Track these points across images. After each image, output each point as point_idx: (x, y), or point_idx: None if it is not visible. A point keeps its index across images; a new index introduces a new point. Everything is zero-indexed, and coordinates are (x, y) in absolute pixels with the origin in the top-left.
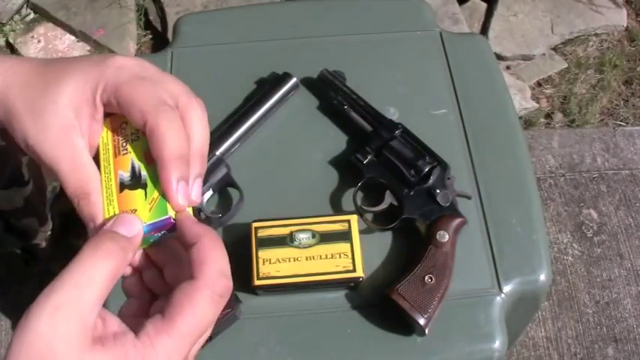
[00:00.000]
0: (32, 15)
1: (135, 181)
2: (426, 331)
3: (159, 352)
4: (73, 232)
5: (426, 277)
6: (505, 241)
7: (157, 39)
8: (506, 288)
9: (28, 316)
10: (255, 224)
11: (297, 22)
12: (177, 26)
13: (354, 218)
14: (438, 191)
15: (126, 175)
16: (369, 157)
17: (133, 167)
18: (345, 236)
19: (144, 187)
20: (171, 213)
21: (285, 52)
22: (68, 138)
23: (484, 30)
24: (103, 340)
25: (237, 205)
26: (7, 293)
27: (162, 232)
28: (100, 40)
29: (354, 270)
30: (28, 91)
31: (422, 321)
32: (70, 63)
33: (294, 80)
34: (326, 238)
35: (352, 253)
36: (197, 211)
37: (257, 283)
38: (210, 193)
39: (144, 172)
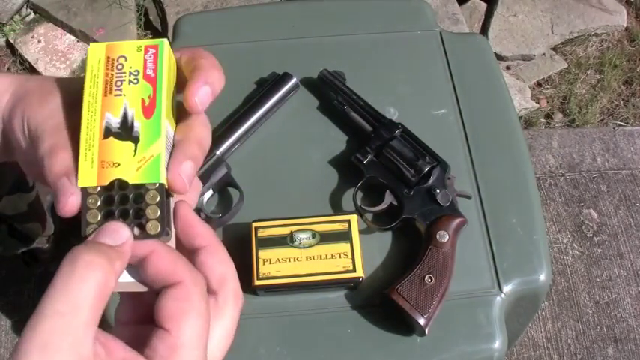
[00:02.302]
0: (32, 15)
1: (124, 131)
2: (426, 331)
3: None
4: (74, 233)
5: (426, 277)
6: (505, 241)
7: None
8: (506, 288)
9: (16, 356)
10: (255, 224)
11: (297, 22)
12: (177, 26)
13: (354, 218)
14: (438, 191)
15: (115, 120)
16: (369, 157)
17: (125, 114)
18: (345, 236)
19: (135, 140)
20: (164, 179)
21: (285, 52)
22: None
23: (484, 30)
24: None
25: (237, 205)
26: (7, 293)
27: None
28: (101, 40)
29: (354, 270)
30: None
31: (422, 321)
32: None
33: (294, 80)
34: (326, 238)
35: (352, 253)
36: (197, 211)
37: (257, 283)
38: (210, 193)
39: (137, 123)
